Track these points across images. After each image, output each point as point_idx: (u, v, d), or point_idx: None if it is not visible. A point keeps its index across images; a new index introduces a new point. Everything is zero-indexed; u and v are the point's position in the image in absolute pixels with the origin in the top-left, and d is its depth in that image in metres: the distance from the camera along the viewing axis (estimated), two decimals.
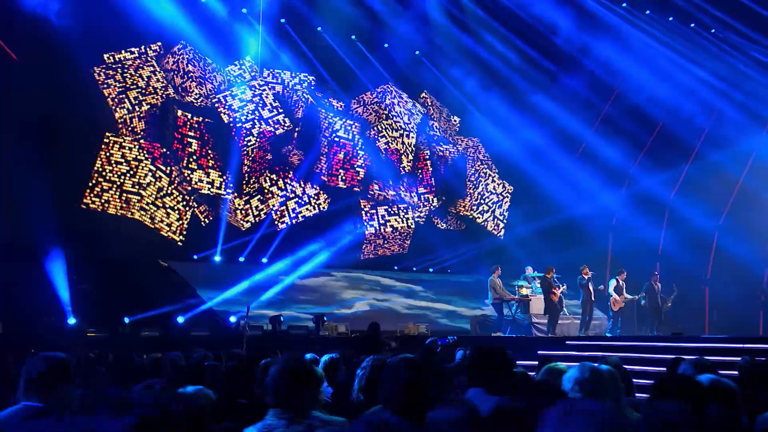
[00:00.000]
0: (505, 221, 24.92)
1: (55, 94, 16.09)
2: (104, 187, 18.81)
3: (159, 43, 19.64)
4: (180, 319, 16.60)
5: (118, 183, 18.99)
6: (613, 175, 22.27)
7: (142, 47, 19.41)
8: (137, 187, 19.24)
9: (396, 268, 23.10)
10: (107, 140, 18.87)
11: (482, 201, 24.58)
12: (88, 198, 18.50)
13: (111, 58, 18.98)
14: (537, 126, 22.55)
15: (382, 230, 22.87)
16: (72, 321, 15.03)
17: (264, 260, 20.57)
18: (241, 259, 20.24)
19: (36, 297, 14.65)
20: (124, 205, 19.06)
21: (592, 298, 18.27)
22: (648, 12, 22.19)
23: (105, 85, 18.91)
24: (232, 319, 17.19)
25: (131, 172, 19.18)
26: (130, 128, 19.20)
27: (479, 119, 23.71)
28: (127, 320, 15.91)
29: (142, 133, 19.38)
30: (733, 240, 20.36)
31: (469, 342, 11.95)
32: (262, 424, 3.77)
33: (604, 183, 22.24)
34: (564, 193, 22.46)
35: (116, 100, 19.09)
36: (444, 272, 23.57)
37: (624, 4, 22.18)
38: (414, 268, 23.28)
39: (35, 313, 14.60)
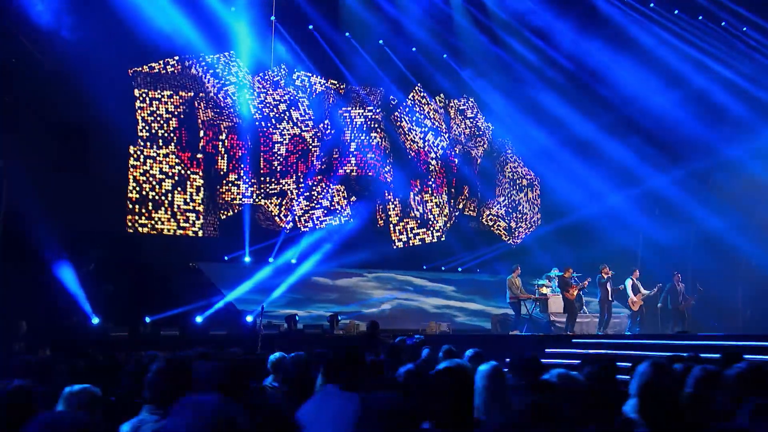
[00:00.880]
0: (539, 205, 24.88)
1: (77, 104, 16.54)
2: (149, 207, 19.25)
3: (176, 57, 19.95)
4: (198, 319, 17.02)
5: (167, 201, 19.48)
6: (638, 175, 22.09)
7: (161, 61, 19.76)
8: (192, 203, 19.77)
9: (425, 267, 23.24)
10: (135, 154, 19.31)
11: (515, 186, 24.55)
12: (134, 220, 19.02)
13: (135, 71, 19.46)
14: (554, 127, 22.53)
15: (411, 243, 23.06)
16: (95, 321, 15.54)
17: (293, 260, 20.94)
18: (271, 259, 20.59)
19: (59, 298, 15.15)
20: (185, 225, 19.65)
21: (609, 298, 18.30)
22: (676, 12, 21.96)
23: (138, 95, 19.49)
24: (249, 318, 17.54)
25: (180, 188, 19.68)
26: (160, 139, 19.70)
27: (499, 119, 23.83)
28: (148, 320, 16.40)
29: (174, 138, 19.87)
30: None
31: (437, 340, 12.22)
32: (136, 419, 4.04)
33: (628, 183, 22.11)
34: (588, 193, 22.45)
35: (147, 110, 19.64)
36: (472, 272, 23.64)
37: (652, 4, 22.00)
38: (443, 268, 23.40)
39: (60, 313, 15.12)
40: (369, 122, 22.70)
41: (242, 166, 20.63)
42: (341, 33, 21.78)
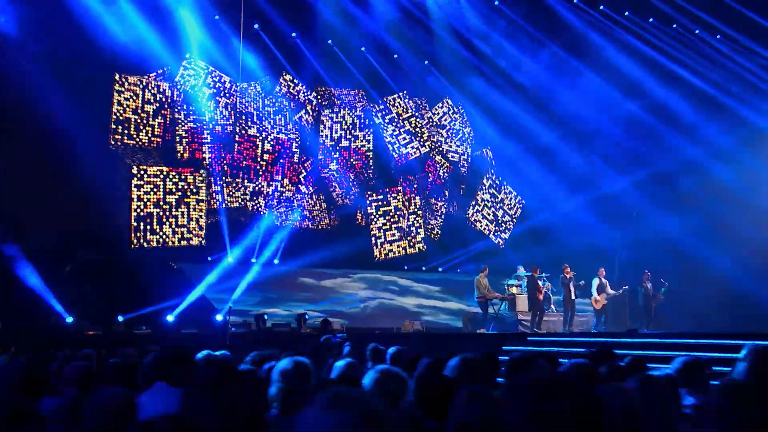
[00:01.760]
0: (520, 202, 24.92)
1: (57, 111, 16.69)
2: (155, 224, 19.23)
3: (150, 75, 19.82)
4: (170, 318, 17.17)
5: (174, 217, 19.55)
6: (604, 178, 22.28)
7: (135, 79, 19.54)
8: (194, 213, 19.88)
9: (406, 268, 23.33)
10: (139, 173, 19.18)
11: (495, 186, 24.57)
12: (140, 236, 19.00)
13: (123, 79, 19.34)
14: (522, 133, 22.73)
15: (392, 255, 23.10)
16: (69, 320, 15.74)
17: (276, 261, 21.15)
18: (253, 260, 20.77)
19: (36, 299, 15.35)
20: (189, 235, 19.76)
21: (572, 297, 18.51)
22: (651, 20, 22.05)
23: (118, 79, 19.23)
24: (218, 317, 17.71)
25: (183, 205, 19.76)
26: (132, 124, 19.37)
27: (474, 125, 23.99)
28: (121, 318, 16.62)
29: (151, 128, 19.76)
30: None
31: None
32: None
33: (595, 186, 22.27)
34: (557, 195, 22.66)
35: (125, 94, 19.35)
36: (453, 272, 23.73)
37: (626, 12, 22.11)
38: (423, 268, 23.51)
39: (37, 313, 15.32)
40: (348, 126, 22.68)
41: (224, 178, 20.67)
42: (325, 41, 21.82)
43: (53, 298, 15.48)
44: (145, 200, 19.30)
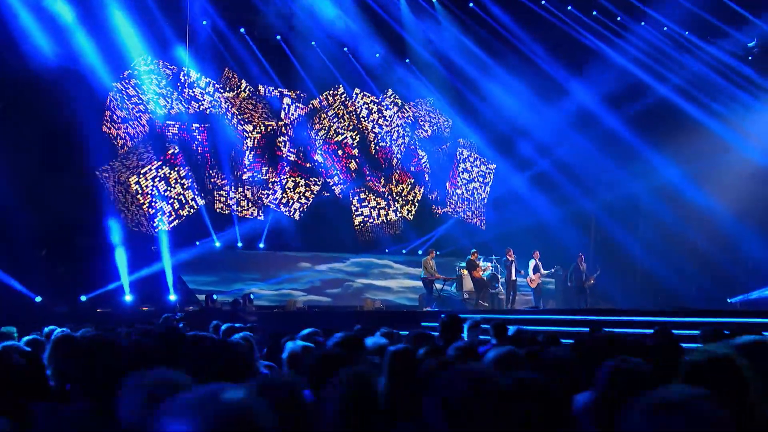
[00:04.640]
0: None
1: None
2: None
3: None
4: (128, 298, 17.87)
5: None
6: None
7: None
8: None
9: (387, 251, 23.69)
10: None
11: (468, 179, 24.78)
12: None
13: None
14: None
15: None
16: (38, 299, 16.54)
17: (261, 245, 21.80)
18: (239, 244, 21.40)
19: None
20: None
21: (513, 278, 18.73)
22: (594, 12, 21.84)
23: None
24: (172, 297, 18.34)
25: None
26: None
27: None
28: (84, 298, 17.32)
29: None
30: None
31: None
32: None
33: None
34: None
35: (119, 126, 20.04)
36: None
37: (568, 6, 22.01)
38: (403, 251, 23.84)
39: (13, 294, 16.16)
40: (336, 123, 22.96)
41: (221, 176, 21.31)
42: (309, 43, 22.03)
43: (21, 279, 16.11)
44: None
